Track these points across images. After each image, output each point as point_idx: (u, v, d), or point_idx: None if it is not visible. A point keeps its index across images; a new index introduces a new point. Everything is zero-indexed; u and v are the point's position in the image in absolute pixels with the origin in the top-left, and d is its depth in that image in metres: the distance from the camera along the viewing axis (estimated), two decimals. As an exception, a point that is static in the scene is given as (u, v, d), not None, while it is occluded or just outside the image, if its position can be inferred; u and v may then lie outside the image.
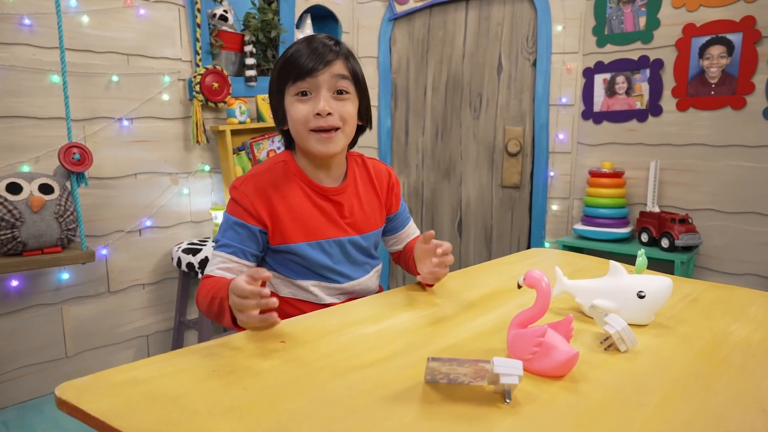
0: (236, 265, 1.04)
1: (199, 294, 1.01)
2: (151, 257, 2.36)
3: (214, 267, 1.04)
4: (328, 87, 1.02)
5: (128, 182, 2.26)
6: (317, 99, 1.02)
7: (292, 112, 1.04)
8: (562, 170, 2.73)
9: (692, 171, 2.39)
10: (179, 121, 2.38)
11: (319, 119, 1.02)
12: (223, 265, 1.04)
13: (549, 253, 1.48)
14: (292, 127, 1.06)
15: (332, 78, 1.02)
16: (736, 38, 2.24)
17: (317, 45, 1.03)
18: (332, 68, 1.02)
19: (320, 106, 1.01)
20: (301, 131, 1.04)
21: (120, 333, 2.31)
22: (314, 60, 1.01)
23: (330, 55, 1.02)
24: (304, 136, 1.04)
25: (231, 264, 1.04)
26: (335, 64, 1.02)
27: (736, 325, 0.94)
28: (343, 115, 1.04)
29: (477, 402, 0.67)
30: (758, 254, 2.25)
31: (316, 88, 1.02)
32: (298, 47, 1.03)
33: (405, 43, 3.06)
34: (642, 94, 2.49)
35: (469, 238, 3.05)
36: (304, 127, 1.03)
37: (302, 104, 1.03)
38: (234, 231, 1.05)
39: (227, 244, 1.04)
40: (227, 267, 1.04)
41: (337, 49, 1.04)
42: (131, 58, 2.22)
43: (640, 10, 2.47)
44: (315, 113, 1.02)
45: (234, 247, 1.04)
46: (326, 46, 1.03)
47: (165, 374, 0.73)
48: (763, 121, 2.20)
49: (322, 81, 1.02)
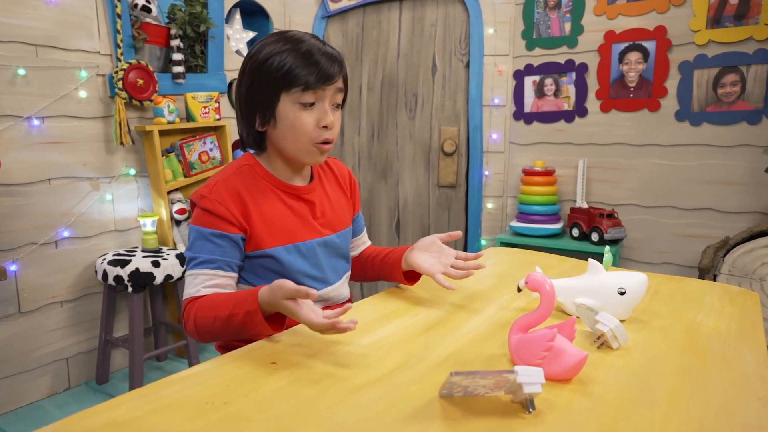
0: (224, 279, 0.95)
1: (196, 318, 0.90)
2: (69, 271, 2.13)
3: (199, 287, 0.93)
4: (332, 99, 0.98)
5: (41, 189, 2.02)
6: (323, 110, 0.96)
7: (296, 122, 0.96)
8: (495, 169, 2.81)
9: (616, 168, 2.56)
10: (99, 120, 2.17)
11: (325, 132, 0.97)
12: (210, 282, 0.94)
13: (508, 252, 1.51)
14: (290, 135, 0.98)
15: (336, 91, 0.98)
16: (650, 45, 2.43)
17: (330, 51, 0.96)
18: (339, 81, 0.98)
19: (330, 119, 0.96)
20: (303, 141, 0.98)
21: (34, 358, 2.06)
22: (332, 69, 0.94)
23: (339, 66, 0.97)
24: (305, 147, 0.98)
25: (219, 279, 0.94)
26: (340, 77, 0.98)
27: (701, 315, 1.00)
28: (337, 129, 1.01)
29: (499, 414, 0.65)
30: (673, 244, 2.46)
31: (322, 99, 0.96)
32: (310, 49, 0.94)
33: (339, 42, 3.01)
34: (569, 96, 2.63)
35: (407, 237, 3.06)
36: (307, 138, 0.97)
37: (308, 114, 0.96)
38: (212, 243, 0.94)
39: (208, 260, 0.94)
40: (216, 283, 0.94)
41: (341, 58, 0.99)
42: (40, 49, 1.98)
43: (566, 16, 2.60)
44: (322, 125, 0.96)
45: (218, 261, 0.94)
46: (333, 52, 0.97)
47: (150, 412, 0.65)
48: (676, 123, 2.40)
49: (329, 93, 0.97)
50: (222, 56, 2.61)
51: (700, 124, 2.34)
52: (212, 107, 2.45)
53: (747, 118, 2.25)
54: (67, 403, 2.09)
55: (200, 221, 0.96)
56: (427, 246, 1.09)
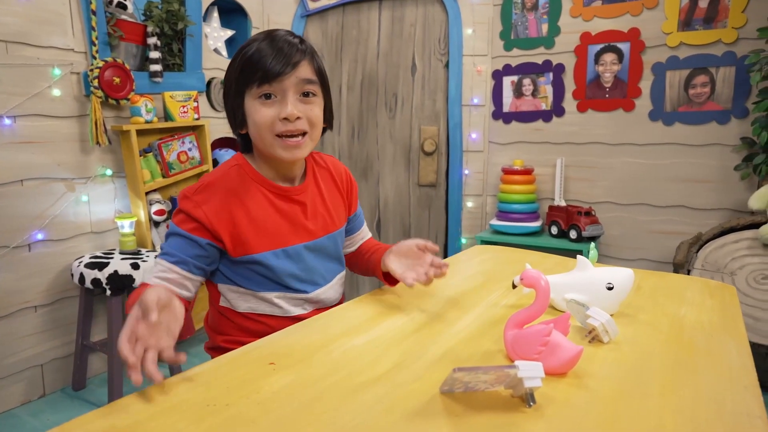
0: (177, 276, 0.95)
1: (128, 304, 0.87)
2: (43, 275, 2.07)
3: (153, 276, 0.95)
4: (295, 90, 0.95)
5: (13, 190, 1.95)
6: (284, 103, 0.95)
7: (256, 116, 0.96)
8: (475, 168, 2.84)
9: (592, 167, 2.61)
10: (74, 119, 2.11)
11: (286, 123, 0.95)
12: (163, 274, 0.94)
13: (493, 251, 1.53)
14: (254, 131, 0.98)
15: (299, 82, 0.95)
16: (625, 47, 2.49)
17: (281, 44, 0.94)
18: (299, 71, 0.95)
19: (288, 110, 0.94)
20: (266, 136, 0.96)
21: (7, 365, 1.99)
22: (280, 62, 0.92)
23: (297, 56, 0.94)
24: (270, 141, 0.97)
25: (172, 275, 0.95)
26: (302, 66, 0.95)
27: (683, 309, 1.03)
28: (311, 118, 0.98)
29: (500, 409, 0.67)
30: (648, 241, 2.53)
31: (282, 92, 0.95)
32: (260, 46, 0.94)
33: (318, 41, 3.00)
34: (547, 96, 2.68)
35: (388, 236, 3.07)
36: (269, 131, 0.96)
37: (267, 108, 0.95)
38: (179, 241, 0.96)
39: (170, 253, 0.95)
40: (167, 277, 0.94)
41: (303, 47, 0.96)
42: (11, 45, 1.92)
43: (543, 17, 2.64)
44: (282, 117, 0.94)
45: (177, 256, 0.95)
46: (291, 45, 0.95)
47: (151, 416, 0.64)
48: (649, 122, 2.47)
49: (289, 85, 0.94)
50: (200, 55, 2.57)
51: (673, 124, 2.42)
52: (191, 106, 2.41)
53: (717, 118, 2.32)
54: (42, 410, 2.03)
55: (177, 219, 0.97)
56: (404, 252, 1.08)
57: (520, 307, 1.02)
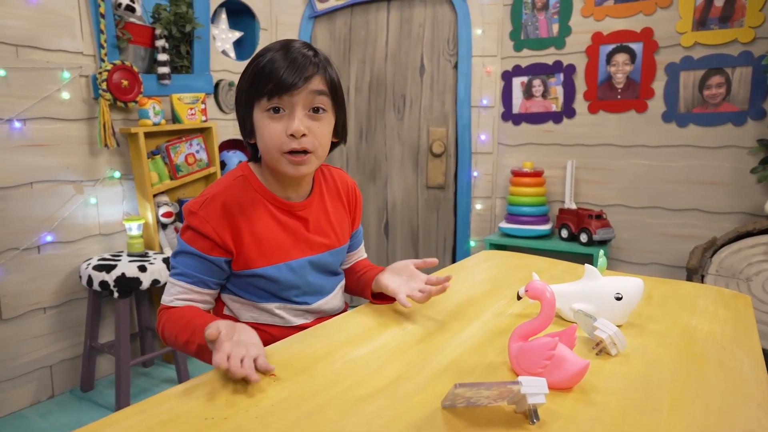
0: (198, 295, 0.96)
1: (165, 329, 0.92)
2: (52, 277, 2.08)
3: (173, 297, 0.94)
4: (304, 105, 0.93)
5: (23, 192, 1.97)
6: (291, 118, 0.92)
7: (263, 130, 0.94)
8: (484, 170, 2.82)
9: (603, 169, 2.58)
10: (83, 122, 2.12)
11: (292, 141, 0.92)
12: (184, 296, 0.95)
13: (500, 256, 1.50)
14: (262, 145, 0.96)
15: (309, 95, 0.92)
16: (637, 47, 2.45)
17: (296, 55, 0.92)
18: (310, 84, 0.92)
19: (295, 126, 0.91)
20: (272, 152, 0.95)
21: (16, 366, 2.01)
22: (293, 75, 0.90)
23: (310, 69, 0.92)
24: (276, 157, 0.95)
25: (192, 295, 0.95)
26: (314, 79, 0.92)
27: (695, 320, 1.01)
28: (318, 137, 0.95)
29: (503, 425, 0.65)
30: (659, 244, 2.48)
31: (291, 106, 0.92)
32: (273, 56, 0.92)
33: (326, 42, 2.99)
34: (557, 97, 2.64)
35: (396, 239, 3.06)
36: (276, 148, 0.94)
37: (275, 123, 0.93)
38: (193, 260, 0.95)
39: (186, 273, 0.95)
40: (189, 298, 0.95)
41: (316, 60, 0.94)
42: (21, 49, 1.93)
43: (553, 17, 2.61)
44: (289, 134, 0.92)
45: (195, 277, 0.95)
46: (306, 57, 0.92)
47: (149, 428, 0.63)
48: (662, 124, 2.43)
49: (299, 99, 0.92)
50: (208, 57, 2.57)
51: (687, 126, 2.37)
52: (198, 108, 2.41)
53: (732, 119, 2.28)
54: (51, 411, 2.05)
55: (187, 237, 0.95)
56: (399, 270, 1.07)
57: (526, 316, 1.01)
